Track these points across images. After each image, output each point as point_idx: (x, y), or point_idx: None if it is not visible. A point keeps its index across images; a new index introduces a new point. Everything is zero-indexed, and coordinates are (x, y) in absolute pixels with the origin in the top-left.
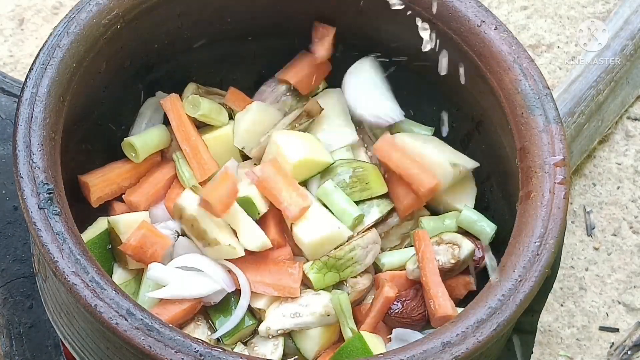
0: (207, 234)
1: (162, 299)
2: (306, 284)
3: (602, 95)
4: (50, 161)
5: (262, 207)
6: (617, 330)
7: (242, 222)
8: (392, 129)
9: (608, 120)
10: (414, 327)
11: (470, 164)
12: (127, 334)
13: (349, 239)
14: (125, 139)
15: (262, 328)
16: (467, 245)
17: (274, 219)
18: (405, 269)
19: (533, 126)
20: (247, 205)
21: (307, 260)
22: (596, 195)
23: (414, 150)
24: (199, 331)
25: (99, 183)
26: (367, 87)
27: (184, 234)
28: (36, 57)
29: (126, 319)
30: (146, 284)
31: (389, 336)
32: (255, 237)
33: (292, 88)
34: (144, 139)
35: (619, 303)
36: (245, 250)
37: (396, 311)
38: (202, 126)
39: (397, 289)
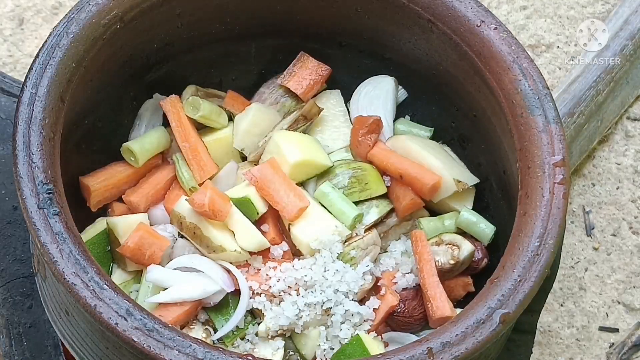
0: (211, 241)
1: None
2: None
3: (602, 96)
4: (49, 161)
5: (261, 207)
6: (616, 330)
7: (239, 223)
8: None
9: (608, 120)
10: (414, 326)
11: (472, 180)
12: (126, 334)
13: (350, 239)
14: (123, 144)
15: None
16: (466, 246)
17: (273, 219)
18: None
19: (532, 126)
20: (246, 205)
21: None
22: (595, 196)
23: (415, 155)
24: (198, 332)
25: (100, 188)
26: (376, 102)
27: (182, 236)
28: (36, 57)
29: (126, 319)
30: (145, 287)
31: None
32: (252, 238)
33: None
34: (142, 144)
35: (619, 303)
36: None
37: (398, 311)
38: (201, 128)
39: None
